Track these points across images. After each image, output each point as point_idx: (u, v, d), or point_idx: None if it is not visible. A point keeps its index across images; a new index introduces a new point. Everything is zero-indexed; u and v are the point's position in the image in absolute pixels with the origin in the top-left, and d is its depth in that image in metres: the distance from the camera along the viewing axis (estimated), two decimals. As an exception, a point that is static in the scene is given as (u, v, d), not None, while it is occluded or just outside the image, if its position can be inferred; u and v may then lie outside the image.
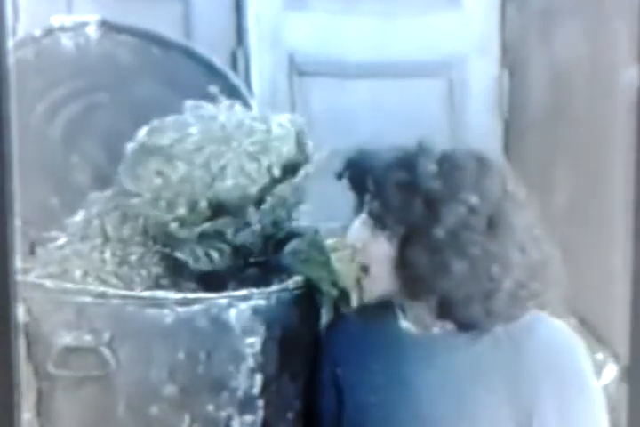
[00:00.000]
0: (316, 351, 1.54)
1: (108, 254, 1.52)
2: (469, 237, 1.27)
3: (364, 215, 1.35)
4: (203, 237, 1.50)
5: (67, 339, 1.35)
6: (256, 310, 1.42)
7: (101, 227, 1.53)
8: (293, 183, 1.51)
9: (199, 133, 1.49)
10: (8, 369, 0.64)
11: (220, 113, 1.54)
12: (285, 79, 2.14)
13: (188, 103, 1.55)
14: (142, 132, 1.52)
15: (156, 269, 1.54)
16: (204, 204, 1.47)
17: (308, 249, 1.59)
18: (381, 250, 1.33)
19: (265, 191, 1.49)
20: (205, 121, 1.52)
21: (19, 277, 0.73)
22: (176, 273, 1.55)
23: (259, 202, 1.49)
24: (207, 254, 1.52)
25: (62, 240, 1.52)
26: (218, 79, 1.82)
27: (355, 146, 1.39)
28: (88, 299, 1.36)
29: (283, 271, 1.56)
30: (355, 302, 1.59)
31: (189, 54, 1.89)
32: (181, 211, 1.47)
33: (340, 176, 1.39)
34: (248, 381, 1.42)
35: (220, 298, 1.40)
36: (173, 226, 1.48)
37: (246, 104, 1.71)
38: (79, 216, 1.56)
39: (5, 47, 0.65)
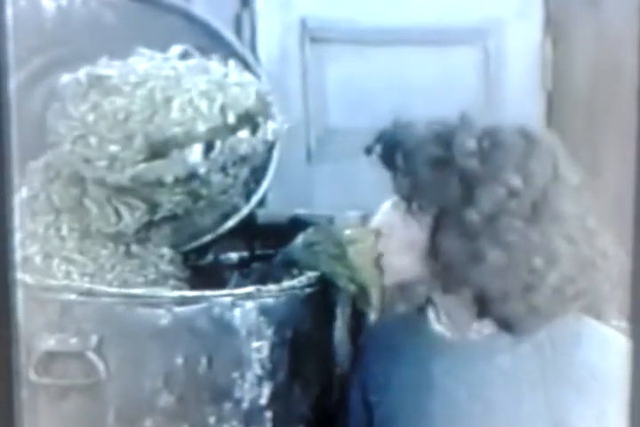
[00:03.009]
0: (330, 356, 1.55)
1: (65, 230, 1.51)
2: (508, 222, 1.28)
3: (395, 197, 1.36)
4: (117, 191, 1.49)
5: (49, 342, 1.35)
6: (263, 310, 1.42)
7: (48, 199, 1.53)
8: (252, 141, 1.50)
9: (146, 69, 1.49)
10: (8, 377, 0.65)
11: (173, 57, 1.55)
12: (296, 46, 2.13)
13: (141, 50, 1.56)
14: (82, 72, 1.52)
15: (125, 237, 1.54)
16: (139, 140, 1.45)
17: (322, 241, 1.59)
18: (410, 236, 1.34)
19: (215, 134, 1.47)
20: (156, 60, 1.53)
21: None
22: (147, 238, 1.55)
23: (207, 149, 1.48)
24: (116, 211, 1.52)
25: None
26: (220, 46, 1.82)
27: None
28: (73, 297, 1.36)
29: (293, 266, 1.57)
30: (376, 299, 1.60)
31: (187, 17, 1.88)
32: (113, 148, 1.46)
33: (369, 151, 1.38)
34: (254, 390, 1.42)
35: (223, 296, 1.40)
36: (101, 165, 1.46)
37: (253, 74, 1.70)
38: (23, 193, 1.56)
39: (5, 47, 0.65)
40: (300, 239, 1.61)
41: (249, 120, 1.50)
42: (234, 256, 1.74)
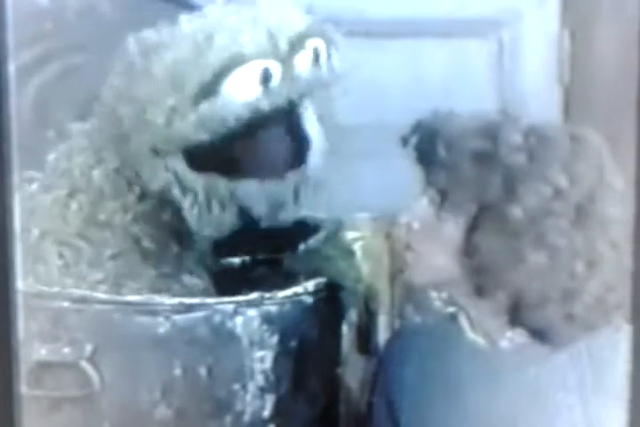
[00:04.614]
0: (336, 366, 1.54)
1: (73, 209, 1.48)
2: (552, 224, 1.28)
3: (430, 191, 1.35)
4: None
5: (41, 352, 1.35)
6: (267, 318, 1.42)
7: (68, 170, 1.51)
8: (314, 70, 1.47)
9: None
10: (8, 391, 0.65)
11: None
12: (302, 38, 2.13)
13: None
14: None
15: (135, 228, 1.51)
16: (192, 83, 1.39)
17: (330, 245, 1.59)
18: (444, 233, 1.33)
19: (265, 57, 1.42)
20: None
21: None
22: (162, 229, 1.53)
23: (265, 79, 1.41)
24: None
25: (34, 185, 1.50)
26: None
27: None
28: (66, 304, 1.36)
29: (298, 272, 1.56)
30: (387, 302, 1.60)
31: (186, 6, 1.88)
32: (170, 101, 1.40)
33: (405, 141, 1.38)
34: (257, 402, 1.42)
35: (224, 303, 1.40)
36: (160, 121, 1.40)
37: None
38: (55, 153, 1.54)
39: (5, 44, 0.65)
40: (306, 243, 1.60)
41: (303, 45, 1.46)
42: (236, 261, 1.73)
